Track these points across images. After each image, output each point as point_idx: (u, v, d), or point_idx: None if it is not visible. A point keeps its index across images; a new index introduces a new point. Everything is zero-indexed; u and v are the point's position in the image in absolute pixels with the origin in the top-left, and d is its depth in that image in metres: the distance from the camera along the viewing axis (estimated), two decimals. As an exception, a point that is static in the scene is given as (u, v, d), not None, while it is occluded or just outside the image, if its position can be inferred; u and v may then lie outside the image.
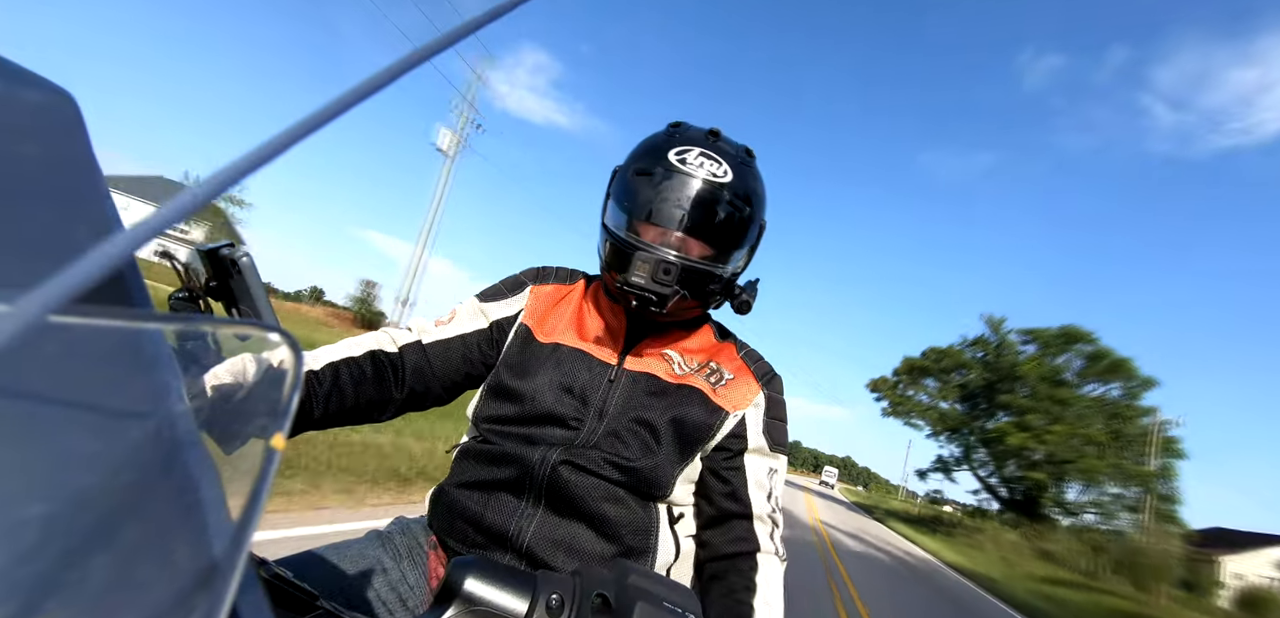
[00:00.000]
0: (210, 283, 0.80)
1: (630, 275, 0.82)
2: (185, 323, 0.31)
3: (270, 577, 0.59)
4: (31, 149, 0.22)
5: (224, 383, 0.62)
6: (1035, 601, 13.31)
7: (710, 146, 0.88)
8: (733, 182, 0.87)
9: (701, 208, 0.85)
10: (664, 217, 0.85)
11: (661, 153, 0.88)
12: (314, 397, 0.81)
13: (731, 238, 0.88)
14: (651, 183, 0.87)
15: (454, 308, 1.00)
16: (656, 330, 0.96)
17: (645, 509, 0.85)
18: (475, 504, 0.84)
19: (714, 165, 0.86)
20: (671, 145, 0.88)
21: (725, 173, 0.86)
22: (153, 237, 0.16)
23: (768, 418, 0.94)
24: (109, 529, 0.18)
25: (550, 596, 0.49)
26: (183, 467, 0.22)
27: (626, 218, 0.89)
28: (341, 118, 0.19)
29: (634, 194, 0.88)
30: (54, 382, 0.19)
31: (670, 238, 0.85)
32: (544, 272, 1.04)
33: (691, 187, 0.85)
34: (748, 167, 0.91)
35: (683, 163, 0.86)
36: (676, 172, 0.85)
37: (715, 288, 0.90)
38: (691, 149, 0.87)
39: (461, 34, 0.23)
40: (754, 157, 0.95)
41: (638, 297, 0.83)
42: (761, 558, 0.86)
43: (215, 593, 0.17)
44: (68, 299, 0.13)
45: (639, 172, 0.88)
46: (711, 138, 0.90)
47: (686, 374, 0.92)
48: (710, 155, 0.87)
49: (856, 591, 7.71)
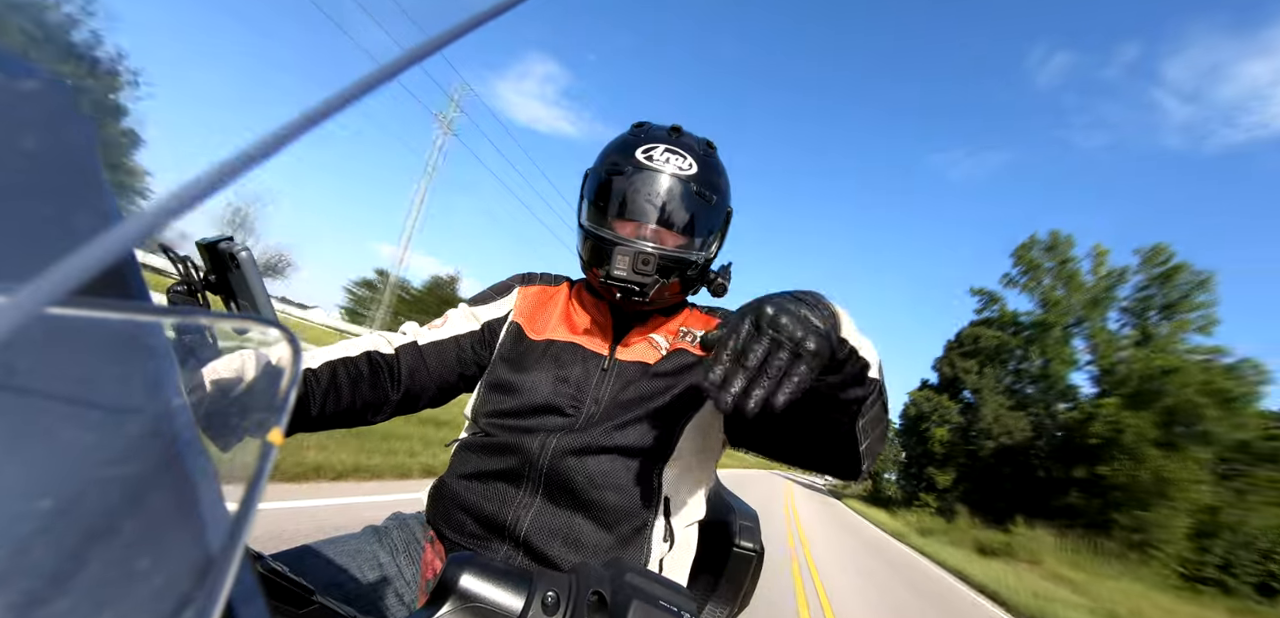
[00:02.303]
0: (209, 277, 0.80)
1: (613, 269, 0.87)
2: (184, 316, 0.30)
3: (267, 571, 0.59)
4: (30, 140, 0.22)
5: (222, 377, 0.62)
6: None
7: (674, 142, 0.94)
8: (698, 173, 0.92)
9: (671, 200, 0.91)
10: (637, 211, 0.91)
11: (629, 152, 0.93)
12: (311, 396, 0.82)
13: (701, 225, 0.94)
14: (623, 181, 0.92)
15: (446, 314, 1.03)
16: (640, 321, 0.99)
17: (646, 491, 0.87)
18: (473, 495, 0.85)
19: (679, 160, 0.92)
20: (638, 144, 0.93)
21: (690, 166, 0.92)
22: (152, 230, 0.16)
23: None
24: (106, 522, 0.18)
25: (546, 593, 0.49)
26: (180, 460, 0.22)
27: (603, 216, 0.94)
28: (340, 115, 0.19)
29: (607, 193, 0.93)
30: (52, 374, 0.19)
31: (645, 231, 0.91)
32: (530, 276, 1.09)
33: (660, 182, 0.91)
34: (710, 158, 0.97)
35: (650, 160, 0.92)
36: (645, 168, 0.91)
37: (692, 273, 0.95)
38: (657, 146, 0.93)
39: (461, 33, 0.23)
40: (715, 149, 1.01)
41: (621, 289, 0.89)
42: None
43: (211, 587, 0.17)
44: (66, 291, 0.13)
45: (610, 171, 0.94)
46: (674, 134, 0.96)
47: (669, 348, 0.96)
48: (675, 151, 0.93)
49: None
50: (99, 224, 0.23)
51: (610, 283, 0.88)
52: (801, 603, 5.74)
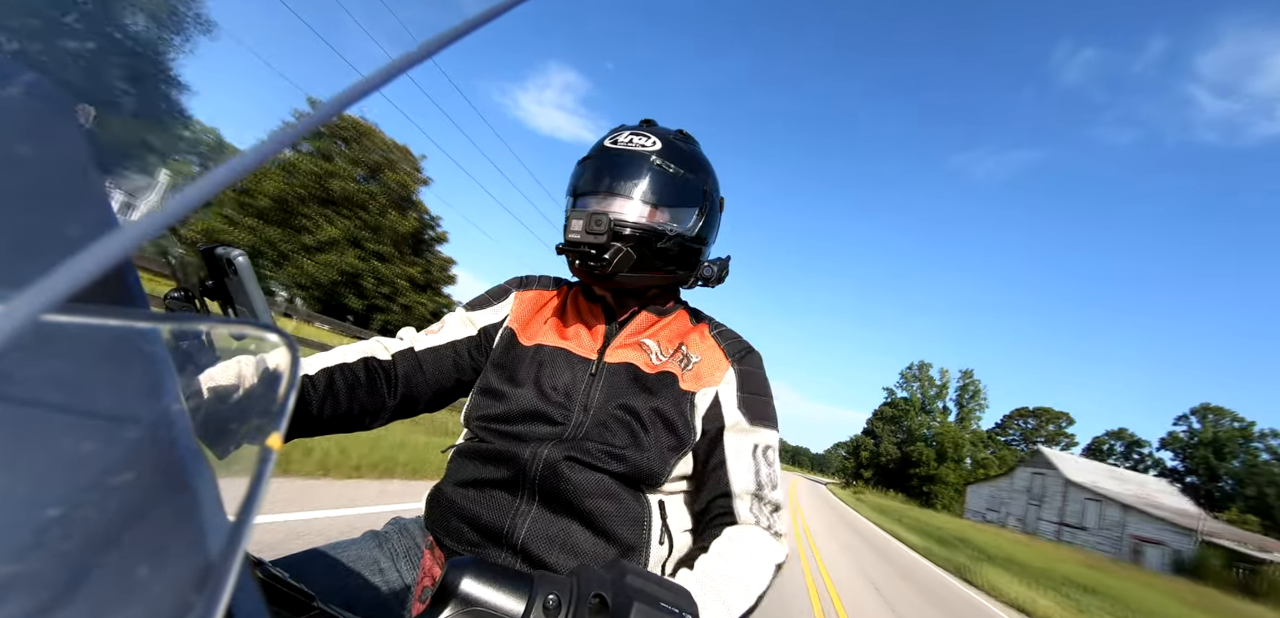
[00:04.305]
0: (206, 283, 0.79)
1: (567, 234, 0.90)
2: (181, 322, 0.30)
3: (267, 577, 0.59)
4: (28, 147, 0.22)
5: (221, 383, 0.62)
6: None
7: (641, 129, 0.97)
8: (661, 148, 0.94)
9: (629, 171, 0.93)
10: (597, 185, 0.93)
11: (599, 142, 0.98)
12: (310, 401, 0.81)
13: (666, 197, 0.93)
14: (588, 164, 0.96)
15: (443, 319, 1.02)
16: (632, 322, 0.98)
17: (639, 502, 0.85)
18: (470, 503, 0.84)
19: (642, 139, 0.94)
20: (608, 135, 0.98)
21: (653, 142, 0.94)
22: (150, 236, 0.15)
23: (742, 392, 0.93)
24: (105, 529, 0.18)
25: (547, 596, 0.49)
26: (179, 466, 0.22)
27: (571, 200, 0.97)
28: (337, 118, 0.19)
29: (576, 178, 0.97)
30: (49, 381, 0.19)
31: (601, 202, 0.93)
32: (528, 279, 1.09)
33: (621, 157, 0.94)
34: (680, 141, 0.99)
35: (614, 143, 0.95)
36: (607, 150, 0.95)
37: (665, 247, 0.93)
38: (623, 131, 0.97)
39: (460, 33, 0.23)
40: (690, 138, 1.03)
41: (577, 253, 0.90)
42: (732, 529, 0.82)
43: (211, 594, 0.17)
44: (63, 298, 0.13)
45: (580, 160, 0.98)
46: (644, 124, 0.99)
47: (662, 363, 0.93)
48: (639, 133, 0.96)
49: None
50: (96, 230, 0.23)
51: (567, 249, 0.90)
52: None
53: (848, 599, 6.56)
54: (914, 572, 11.18)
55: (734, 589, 0.70)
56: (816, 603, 5.88)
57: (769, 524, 0.85)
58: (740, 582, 0.72)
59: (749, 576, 0.74)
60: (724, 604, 0.68)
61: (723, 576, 0.71)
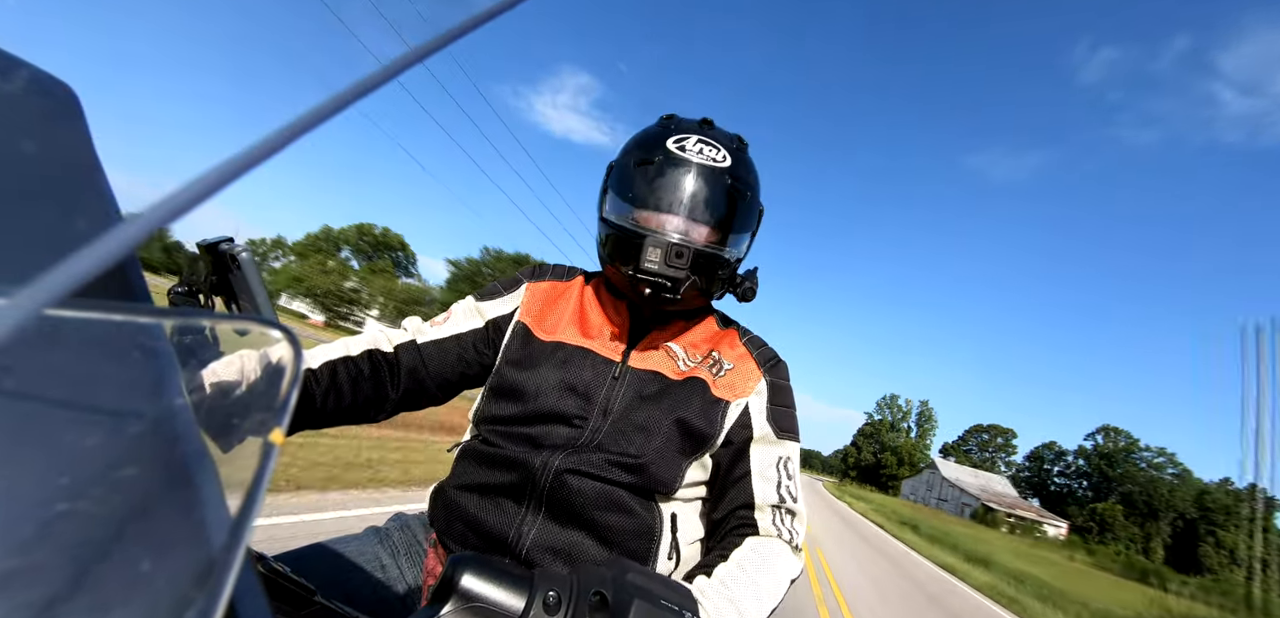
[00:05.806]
0: (210, 278, 0.80)
1: (643, 262, 0.80)
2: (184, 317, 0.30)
3: (268, 572, 0.59)
4: (32, 142, 0.22)
5: (224, 378, 0.62)
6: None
7: (706, 134, 0.88)
8: (732, 166, 0.86)
9: (705, 192, 0.84)
10: (669, 203, 0.84)
11: (660, 142, 0.87)
12: (312, 395, 0.81)
13: (735, 221, 0.87)
14: (653, 171, 0.85)
15: (450, 309, 0.99)
16: (660, 324, 0.94)
17: (650, 513, 0.83)
18: (475, 508, 0.82)
19: (713, 151, 0.86)
20: (668, 135, 0.87)
21: (724, 158, 0.86)
22: (153, 231, 0.16)
23: (772, 405, 0.91)
24: (108, 523, 0.18)
25: (547, 593, 0.49)
26: (181, 461, 0.22)
27: (630, 208, 0.86)
28: (339, 116, 0.19)
29: (635, 184, 0.86)
30: (53, 376, 0.19)
31: (676, 224, 0.84)
32: (540, 268, 1.03)
33: (693, 172, 0.84)
34: (743, 152, 0.91)
35: (682, 150, 0.85)
36: (677, 158, 0.85)
37: (723, 274, 0.88)
38: (689, 137, 0.87)
39: (460, 33, 0.23)
40: (746, 144, 0.95)
41: (651, 284, 0.81)
42: (752, 538, 0.81)
43: (213, 588, 0.17)
44: (67, 293, 0.13)
45: (639, 162, 0.87)
46: (705, 126, 0.90)
47: (690, 368, 0.90)
48: (707, 142, 0.87)
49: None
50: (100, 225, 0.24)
51: (640, 278, 0.81)
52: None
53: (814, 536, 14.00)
54: (858, 525, 22.69)
55: (748, 599, 0.71)
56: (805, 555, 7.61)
57: (789, 536, 0.85)
58: (755, 593, 0.72)
59: (765, 587, 0.74)
60: (738, 612, 0.68)
61: (739, 584, 0.72)
